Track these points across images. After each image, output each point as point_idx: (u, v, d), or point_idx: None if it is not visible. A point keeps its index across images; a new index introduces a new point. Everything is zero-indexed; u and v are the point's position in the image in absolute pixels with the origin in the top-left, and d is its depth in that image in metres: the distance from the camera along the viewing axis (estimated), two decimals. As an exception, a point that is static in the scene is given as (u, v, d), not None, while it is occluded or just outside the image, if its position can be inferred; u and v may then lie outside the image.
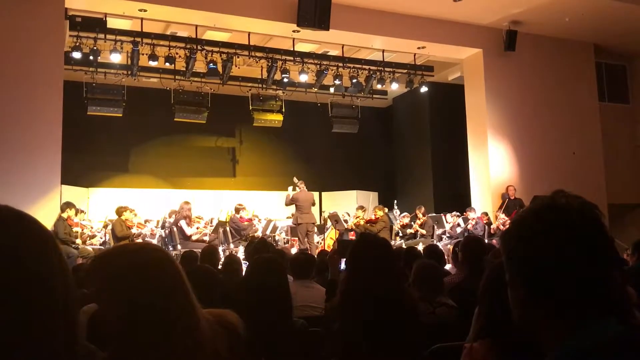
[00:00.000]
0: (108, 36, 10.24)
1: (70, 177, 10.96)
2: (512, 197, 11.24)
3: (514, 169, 12.11)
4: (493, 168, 11.91)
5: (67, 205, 8.83)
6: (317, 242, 11.53)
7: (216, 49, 11.05)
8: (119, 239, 9.30)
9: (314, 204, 11.29)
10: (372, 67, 12.46)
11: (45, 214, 8.32)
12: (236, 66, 11.43)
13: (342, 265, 3.96)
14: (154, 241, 9.70)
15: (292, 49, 11.63)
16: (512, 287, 1.11)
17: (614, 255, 1.09)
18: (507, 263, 1.12)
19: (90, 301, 3.17)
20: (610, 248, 1.08)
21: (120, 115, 11.47)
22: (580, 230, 1.05)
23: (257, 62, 11.68)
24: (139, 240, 9.55)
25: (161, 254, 1.39)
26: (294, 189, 11.13)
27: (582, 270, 1.03)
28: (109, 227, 9.94)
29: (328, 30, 10.10)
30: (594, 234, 1.06)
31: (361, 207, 11.78)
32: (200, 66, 11.29)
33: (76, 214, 9.13)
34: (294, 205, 11.07)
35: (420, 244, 9.89)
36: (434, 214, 12.15)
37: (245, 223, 10.84)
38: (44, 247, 0.99)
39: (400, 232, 11.98)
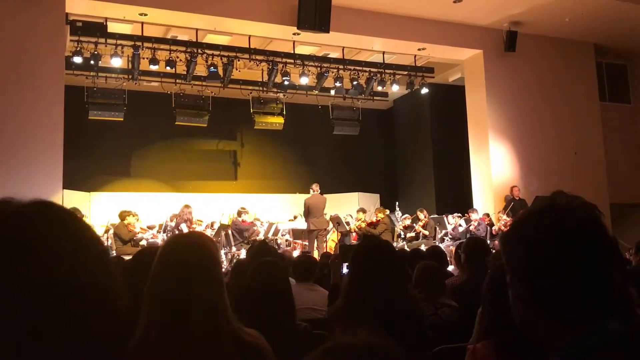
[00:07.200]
0: (109, 40, 10.25)
1: (72, 181, 10.96)
2: (517, 198, 11.22)
3: (516, 170, 12.10)
4: (494, 169, 11.91)
5: (74, 211, 8.86)
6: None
7: (217, 53, 11.05)
8: (124, 242, 9.34)
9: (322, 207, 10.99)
10: (372, 69, 12.44)
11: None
12: (237, 69, 11.44)
13: (344, 270, 3.96)
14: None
15: (292, 52, 11.62)
16: (512, 288, 1.12)
17: (614, 255, 1.09)
18: (507, 264, 1.12)
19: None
20: (611, 248, 1.08)
21: (122, 119, 11.47)
22: (580, 230, 1.06)
23: (257, 65, 11.68)
24: (143, 243, 9.59)
25: (201, 247, 1.60)
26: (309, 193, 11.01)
27: (583, 271, 1.03)
28: (111, 231, 9.94)
29: (328, 32, 10.12)
30: (593, 235, 1.06)
31: (362, 210, 11.74)
32: (200, 70, 11.30)
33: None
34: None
35: (423, 245, 9.86)
36: (436, 216, 12.13)
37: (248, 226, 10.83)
38: (101, 254, 0.81)
39: (402, 233, 11.96)
